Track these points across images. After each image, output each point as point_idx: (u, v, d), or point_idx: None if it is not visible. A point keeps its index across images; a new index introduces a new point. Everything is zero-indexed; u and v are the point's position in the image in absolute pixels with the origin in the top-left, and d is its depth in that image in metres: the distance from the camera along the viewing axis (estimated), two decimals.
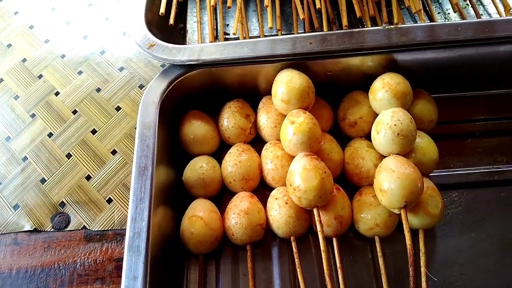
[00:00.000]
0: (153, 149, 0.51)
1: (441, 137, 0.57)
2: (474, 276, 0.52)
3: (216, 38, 0.66)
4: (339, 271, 0.50)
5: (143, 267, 0.45)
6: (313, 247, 0.55)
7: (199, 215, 0.52)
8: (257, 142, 0.60)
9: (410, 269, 0.46)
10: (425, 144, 0.53)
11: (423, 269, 0.49)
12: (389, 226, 0.51)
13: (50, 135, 0.65)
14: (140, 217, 0.48)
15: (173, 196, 0.55)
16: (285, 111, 0.54)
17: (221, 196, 0.58)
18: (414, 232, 0.50)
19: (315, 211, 0.49)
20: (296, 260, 0.51)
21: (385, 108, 0.53)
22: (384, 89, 0.52)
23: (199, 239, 0.51)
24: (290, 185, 0.50)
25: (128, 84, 0.68)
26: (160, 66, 0.69)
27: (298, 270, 0.50)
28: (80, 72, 0.70)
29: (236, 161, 0.55)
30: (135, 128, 0.53)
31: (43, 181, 0.62)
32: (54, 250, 0.57)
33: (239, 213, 0.52)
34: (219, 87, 0.58)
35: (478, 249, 0.53)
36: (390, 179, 0.48)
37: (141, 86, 0.68)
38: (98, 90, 0.68)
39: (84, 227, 0.58)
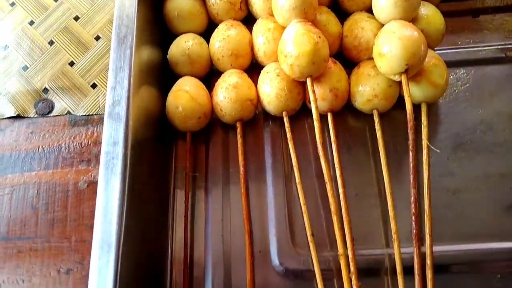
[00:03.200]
0: (133, 18, 0.47)
1: (449, 14, 0.52)
2: (479, 152, 0.49)
3: None
4: (334, 146, 0.47)
5: (123, 133, 0.43)
6: (307, 129, 0.52)
7: (185, 89, 0.49)
8: (248, 22, 0.55)
9: (409, 133, 0.43)
10: (430, 12, 0.48)
11: (424, 142, 0.46)
12: (389, 98, 0.47)
13: (31, 23, 0.61)
14: (120, 85, 0.45)
15: (158, 77, 0.52)
16: None
17: (210, 78, 0.54)
18: (416, 107, 0.47)
19: (308, 81, 0.46)
20: (288, 134, 0.48)
21: None
22: None
23: (186, 114, 0.48)
24: (282, 53, 0.46)
25: None
26: None
27: (290, 144, 0.47)
28: None
29: (224, 35, 0.51)
30: None
31: (25, 68, 0.59)
32: (38, 135, 0.55)
33: (228, 87, 0.48)
34: None
35: (485, 125, 0.50)
36: (391, 41, 0.44)
37: None
38: None
39: (68, 112, 0.56)
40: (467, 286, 0.45)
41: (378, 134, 0.47)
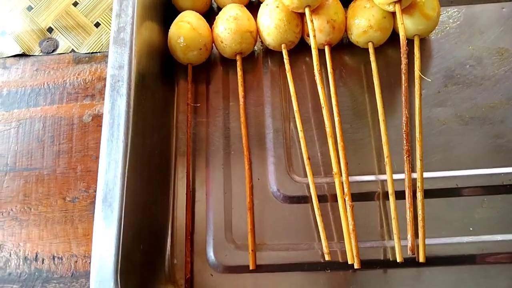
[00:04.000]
0: None
1: None
2: (469, 84, 0.51)
3: None
4: (330, 76, 0.48)
5: (128, 57, 0.44)
6: (305, 68, 0.54)
7: (187, 20, 0.50)
8: None
9: (402, 58, 0.45)
10: None
11: (416, 73, 0.48)
12: (383, 29, 0.49)
13: None
14: (124, 13, 0.46)
15: (160, 14, 0.53)
16: None
17: (210, 16, 0.56)
18: (409, 43, 0.49)
19: (307, 11, 0.48)
20: (287, 66, 0.49)
21: None
22: None
23: (187, 44, 0.50)
24: None
25: None
26: None
27: (288, 75, 0.49)
28: None
29: None
30: None
31: (29, 8, 0.60)
32: (43, 72, 0.56)
33: (228, 18, 0.50)
34: None
35: (475, 60, 0.52)
36: None
37: None
38: None
39: (72, 50, 0.57)
40: (455, 209, 0.47)
41: (373, 65, 0.49)
